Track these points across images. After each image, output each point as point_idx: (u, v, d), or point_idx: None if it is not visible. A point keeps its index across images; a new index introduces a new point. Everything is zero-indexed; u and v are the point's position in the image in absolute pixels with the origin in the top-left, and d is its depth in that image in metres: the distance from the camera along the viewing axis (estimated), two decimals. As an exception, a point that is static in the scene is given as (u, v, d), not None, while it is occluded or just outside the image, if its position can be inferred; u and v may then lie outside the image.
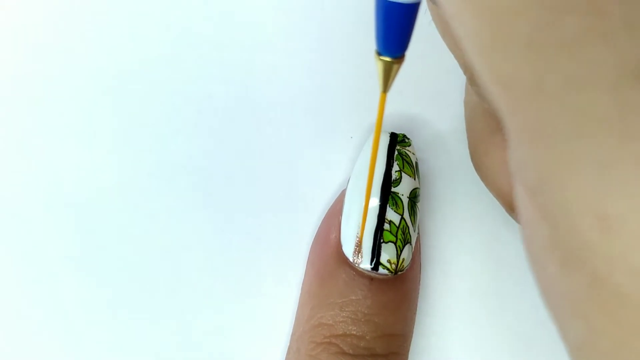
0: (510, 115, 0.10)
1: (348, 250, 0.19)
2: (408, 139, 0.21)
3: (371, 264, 0.19)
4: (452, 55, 0.24)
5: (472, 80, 0.16)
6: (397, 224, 0.19)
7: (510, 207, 0.19)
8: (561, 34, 0.08)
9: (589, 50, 0.08)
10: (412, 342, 0.21)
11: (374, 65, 0.14)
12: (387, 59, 0.13)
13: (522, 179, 0.11)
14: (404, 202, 0.20)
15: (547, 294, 0.12)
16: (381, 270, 0.19)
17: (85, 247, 0.23)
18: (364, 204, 0.19)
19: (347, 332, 0.18)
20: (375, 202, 0.19)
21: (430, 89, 0.23)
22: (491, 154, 0.18)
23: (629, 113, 0.08)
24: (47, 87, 0.24)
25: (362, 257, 0.19)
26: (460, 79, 0.23)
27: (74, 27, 0.24)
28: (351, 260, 0.19)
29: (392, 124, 0.23)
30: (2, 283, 0.23)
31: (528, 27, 0.09)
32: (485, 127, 0.19)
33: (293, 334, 0.20)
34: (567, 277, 0.10)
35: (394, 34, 0.13)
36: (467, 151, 0.23)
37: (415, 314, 0.21)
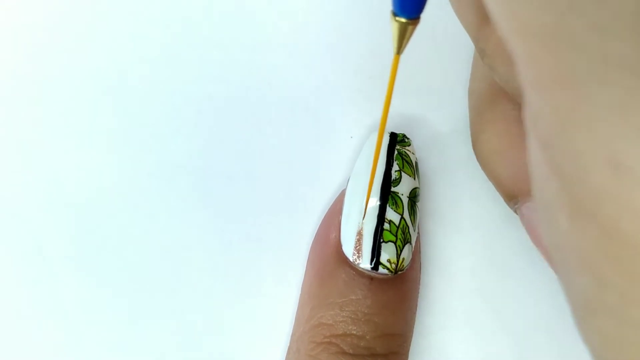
0: (529, 62, 0.10)
1: (348, 250, 0.19)
2: (408, 138, 0.21)
3: (371, 264, 0.19)
4: (452, 54, 0.24)
5: (483, 52, 0.16)
6: (397, 223, 0.19)
7: (508, 196, 0.19)
8: None
9: None
10: (412, 342, 0.21)
11: (387, 31, 0.14)
12: (403, 20, 0.14)
13: (536, 131, 0.11)
14: (403, 202, 0.20)
15: (557, 251, 0.11)
16: (381, 269, 0.19)
17: (85, 247, 0.23)
18: (363, 203, 0.19)
19: (347, 332, 0.18)
20: (375, 201, 0.19)
21: (430, 88, 0.23)
22: (492, 141, 0.18)
23: None
24: (47, 87, 0.24)
25: (362, 256, 0.19)
26: (460, 78, 0.23)
27: (74, 27, 0.24)
28: (351, 260, 0.19)
29: (392, 124, 0.23)
30: (2, 283, 0.23)
31: None
32: (487, 116, 0.19)
33: (293, 334, 0.20)
34: (577, 230, 0.10)
35: None
36: (467, 151, 0.23)
37: (415, 313, 0.21)
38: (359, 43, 0.24)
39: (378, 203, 0.19)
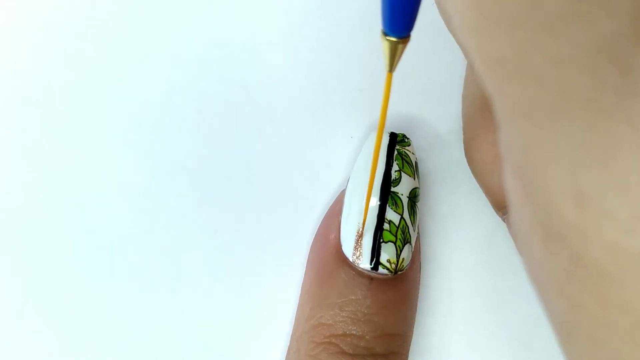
0: (497, 95, 0.10)
1: (348, 250, 0.19)
2: (407, 138, 0.21)
3: (371, 264, 0.19)
4: (451, 54, 0.24)
5: (472, 66, 0.17)
6: (396, 223, 0.19)
7: (497, 205, 0.19)
8: (543, 14, 0.09)
9: (569, 30, 0.08)
10: (412, 342, 0.21)
11: (380, 46, 0.14)
12: (393, 39, 0.14)
13: (509, 159, 0.11)
14: (403, 202, 0.20)
15: (534, 276, 0.12)
16: (381, 270, 0.19)
17: (85, 247, 0.23)
18: (363, 203, 0.19)
19: (347, 332, 0.18)
20: (374, 201, 0.19)
21: (430, 88, 0.23)
22: (484, 151, 0.19)
23: (604, 91, 0.09)
24: (47, 87, 0.24)
25: (361, 257, 0.19)
26: (459, 78, 0.23)
27: (74, 27, 0.24)
28: (351, 260, 0.19)
29: (391, 124, 0.23)
30: (2, 283, 0.23)
31: (513, 8, 0.09)
32: (479, 124, 0.19)
33: (293, 334, 0.20)
34: (549, 256, 0.10)
35: (400, 14, 0.13)
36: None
37: (415, 313, 0.21)
38: (360, 43, 0.24)
39: (378, 203, 0.19)
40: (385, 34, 0.14)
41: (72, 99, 0.24)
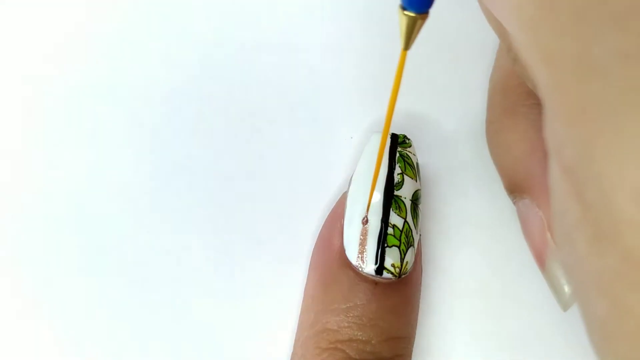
0: (552, 91, 0.10)
1: (351, 254, 0.19)
2: (408, 139, 0.21)
3: (375, 269, 0.19)
4: (450, 57, 0.24)
5: (515, 60, 0.16)
6: (400, 227, 0.19)
7: (510, 188, 0.19)
8: (610, 6, 0.08)
9: (636, 22, 0.08)
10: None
11: (397, 21, 0.14)
12: (412, 14, 0.13)
13: (560, 156, 0.11)
14: (406, 206, 0.20)
15: (574, 273, 0.12)
16: (385, 274, 0.19)
17: (85, 247, 0.23)
18: (366, 207, 0.19)
19: (353, 337, 0.18)
20: (378, 206, 0.19)
21: (430, 89, 0.23)
22: (504, 133, 0.19)
23: None
24: (47, 87, 0.23)
25: (366, 261, 0.19)
26: (461, 78, 0.23)
27: (74, 27, 0.24)
28: (355, 264, 0.19)
29: (391, 125, 0.23)
30: (2, 283, 0.23)
31: (577, 1, 0.09)
32: (503, 107, 0.19)
33: (297, 340, 0.20)
34: (597, 254, 0.10)
35: None
36: (467, 152, 0.23)
37: (417, 315, 0.21)
38: (360, 43, 0.23)
39: (381, 207, 0.19)
40: (403, 8, 0.13)
41: (72, 99, 0.23)
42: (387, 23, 0.22)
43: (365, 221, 0.19)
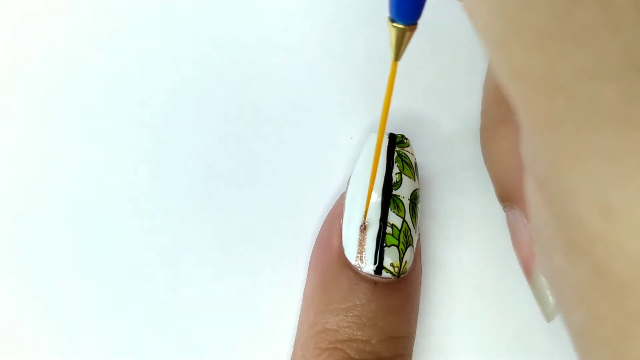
0: (523, 106, 0.10)
1: (350, 254, 0.19)
2: (407, 139, 0.21)
3: (374, 269, 0.19)
4: (449, 57, 0.24)
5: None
6: (399, 227, 0.19)
7: (502, 196, 0.19)
8: (572, 25, 0.08)
9: (598, 41, 0.08)
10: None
11: (387, 33, 0.14)
12: (400, 25, 0.14)
13: (533, 169, 0.11)
14: (405, 205, 0.20)
15: (553, 283, 0.12)
16: (384, 274, 0.19)
17: (85, 247, 0.23)
18: (364, 207, 0.19)
19: (353, 337, 0.18)
20: (376, 205, 0.19)
21: (429, 89, 0.23)
22: (496, 142, 0.19)
23: (634, 104, 0.09)
24: (47, 87, 0.23)
25: (365, 261, 0.19)
26: (459, 79, 0.23)
27: (74, 27, 0.24)
28: (354, 264, 0.19)
29: (390, 125, 0.23)
30: (2, 283, 0.23)
31: (540, 19, 0.09)
32: (495, 116, 0.19)
33: (296, 340, 0.20)
34: (572, 266, 0.10)
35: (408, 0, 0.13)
36: (465, 151, 0.23)
37: (417, 314, 0.21)
38: (360, 43, 0.23)
39: (380, 207, 0.19)
40: (392, 20, 0.14)
41: (72, 99, 0.23)
42: (387, 23, 0.22)
43: (363, 228, 0.19)
